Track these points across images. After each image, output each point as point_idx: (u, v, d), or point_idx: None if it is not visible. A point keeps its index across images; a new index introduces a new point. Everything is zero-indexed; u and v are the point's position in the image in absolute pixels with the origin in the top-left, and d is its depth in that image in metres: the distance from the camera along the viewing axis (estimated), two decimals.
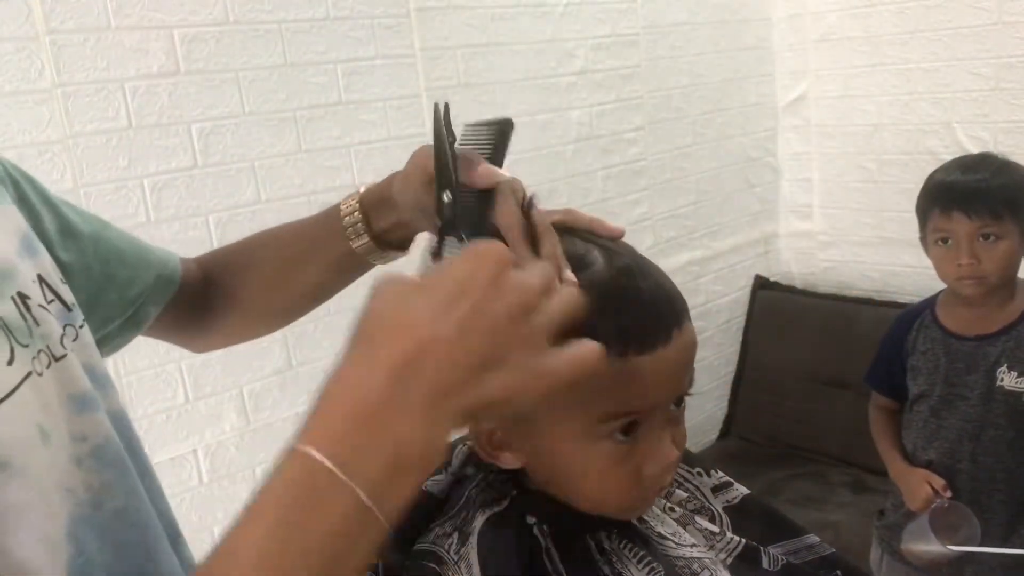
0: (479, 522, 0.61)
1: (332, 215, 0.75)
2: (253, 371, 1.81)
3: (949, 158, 1.61)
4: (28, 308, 0.47)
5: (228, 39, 1.72)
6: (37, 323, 0.47)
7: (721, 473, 0.74)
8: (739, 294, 2.93)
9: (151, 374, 1.68)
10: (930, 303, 1.64)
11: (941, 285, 1.60)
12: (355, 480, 0.38)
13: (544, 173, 2.29)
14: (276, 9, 1.77)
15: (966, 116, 2.46)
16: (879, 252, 2.76)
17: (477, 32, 2.11)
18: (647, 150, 2.56)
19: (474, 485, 0.64)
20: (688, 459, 0.72)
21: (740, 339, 2.93)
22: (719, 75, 2.73)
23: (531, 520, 0.61)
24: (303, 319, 0.90)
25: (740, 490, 0.73)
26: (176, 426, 1.72)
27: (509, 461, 0.61)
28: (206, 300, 0.80)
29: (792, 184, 2.97)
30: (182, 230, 1.70)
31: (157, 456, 1.70)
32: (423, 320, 0.41)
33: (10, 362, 0.43)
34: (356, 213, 0.73)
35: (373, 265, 0.76)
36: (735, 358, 2.93)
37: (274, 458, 0.41)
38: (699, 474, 0.73)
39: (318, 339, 1.90)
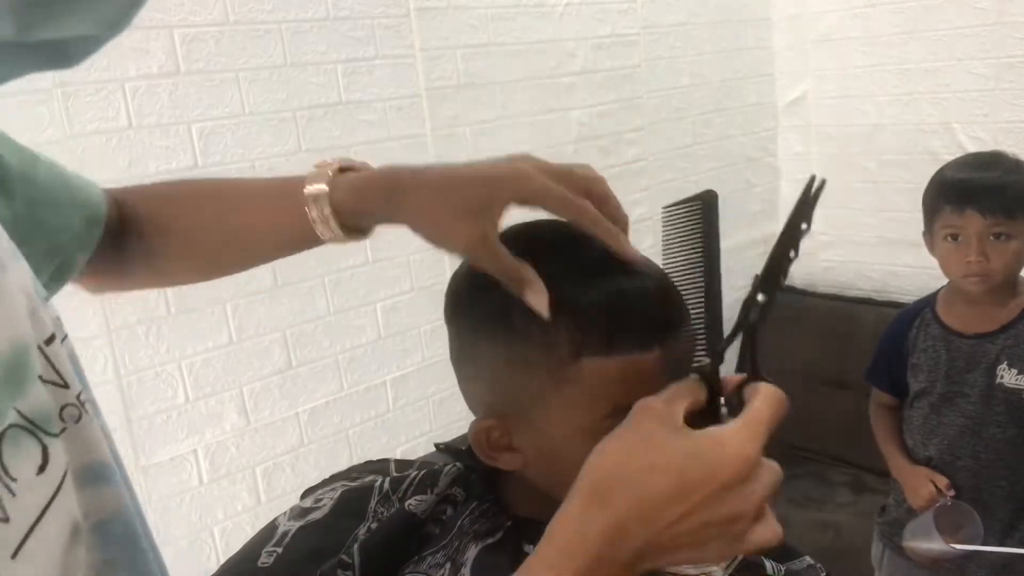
0: (472, 552, 0.60)
1: (295, 192, 0.64)
2: (253, 371, 1.81)
3: (949, 158, 1.60)
4: (54, 366, 0.41)
5: (228, 39, 1.72)
6: (72, 381, 0.42)
7: None
8: (739, 294, 2.91)
9: (151, 374, 1.68)
10: (930, 301, 1.64)
11: (940, 285, 1.60)
12: None
13: None
14: (276, 9, 1.77)
15: (966, 116, 2.46)
16: (879, 252, 2.76)
17: (477, 32, 2.11)
18: (647, 150, 2.56)
19: (467, 514, 0.63)
20: None
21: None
22: (719, 75, 2.73)
23: (528, 548, 0.60)
24: (303, 320, 0.89)
25: None
26: (176, 426, 1.72)
27: (508, 462, 0.61)
28: (126, 238, 0.72)
29: (792, 184, 2.97)
30: None
31: (157, 456, 1.70)
32: (646, 501, 0.47)
33: (42, 468, 0.37)
34: (326, 210, 0.63)
35: (323, 242, 0.67)
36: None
37: None
38: None
39: (318, 339, 1.90)
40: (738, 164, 2.85)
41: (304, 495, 0.73)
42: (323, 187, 0.63)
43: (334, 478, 0.75)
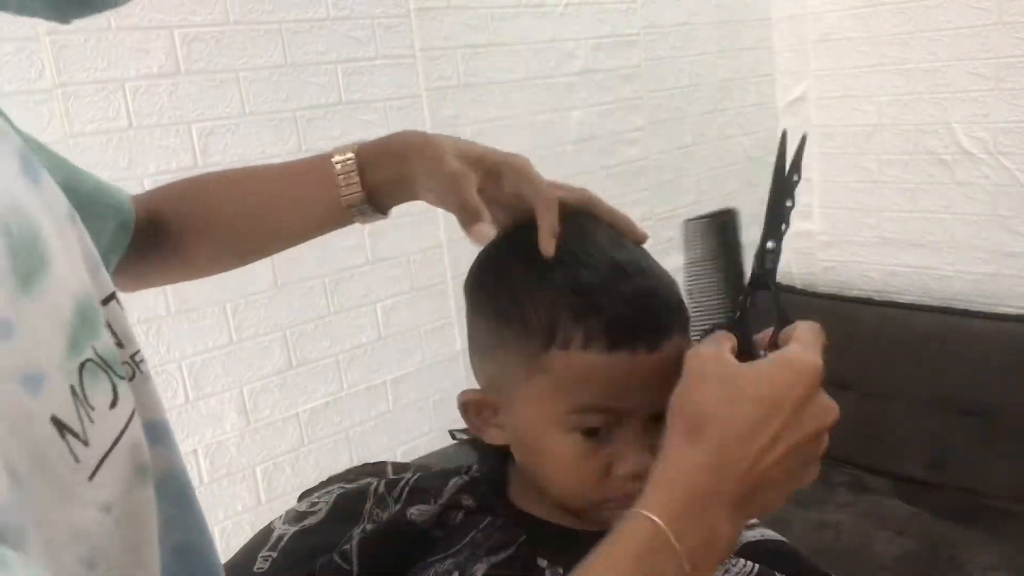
0: (482, 567, 0.60)
1: (321, 162, 0.69)
2: (253, 371, 1.81)
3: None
4: (110, 324, 0.43)
5: (228, 39, 1.72)
6: (129, 341, 0.44)
7: None
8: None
9: (151, 374, 1.68)
10: None
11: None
12: (682, 547, 0.47)
13: (544, 173, 2.29)
14: (276, 9, 1.77)
15: (966, 116, 2.46)
16: (879, 252, 2.76)
17: (477, 32, 2.11)
18: (647, 150, 2.56)
19: (481, 528, 0.63)
20: None
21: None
22: (719, 75, 2.73)
23: (543, 563, 0.60)
24: (303, 320, 0.89)
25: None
26: (176, 426, 1.70)
27: (495, 437, 0.63)
28: (154, 239, 0.75)
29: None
30: None
31: None
32: (738, 430, 0.48)
33: (113, 404, 0.40)
34: (350, 161, 0.68)
35: (351, 222, 0.71)
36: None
37: (621, 521, 0.49)
38: None
39: (318, 339, 1.90)
40: (738, 164, 2.85)
41: (301, 497, 0.73)
42: (350, 151, 0.69)
43: (331, 480, 0.75)
